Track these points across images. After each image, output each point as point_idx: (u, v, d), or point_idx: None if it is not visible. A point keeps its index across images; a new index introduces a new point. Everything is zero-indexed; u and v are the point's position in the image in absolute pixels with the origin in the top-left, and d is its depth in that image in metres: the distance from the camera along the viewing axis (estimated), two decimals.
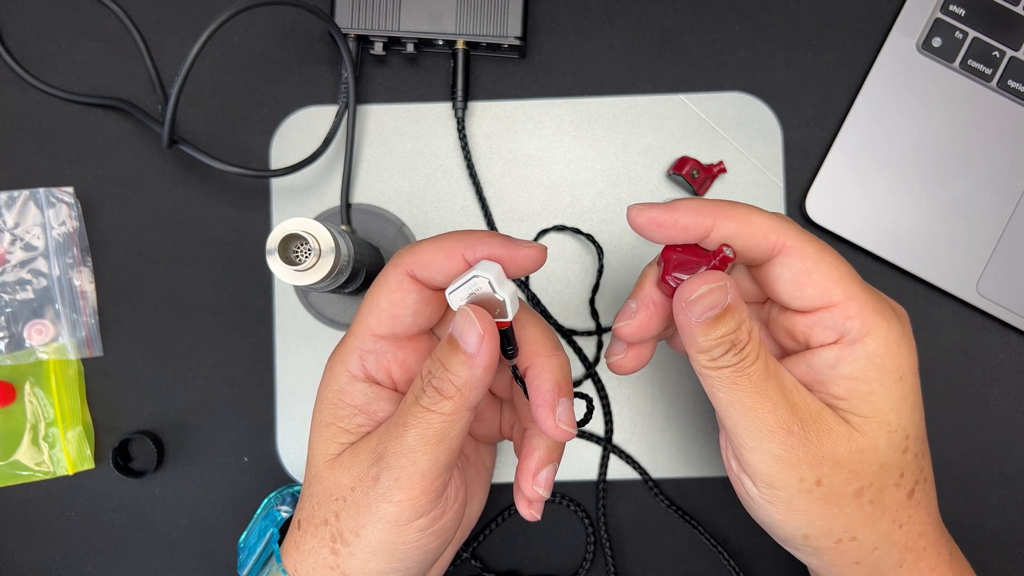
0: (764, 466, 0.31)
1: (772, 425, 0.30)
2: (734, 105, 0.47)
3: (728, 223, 0.31)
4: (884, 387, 0.31)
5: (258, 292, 0.47)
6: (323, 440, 0.34)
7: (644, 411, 0.47)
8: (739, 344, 0.30)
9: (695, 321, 0.30)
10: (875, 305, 0.31)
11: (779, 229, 0.31)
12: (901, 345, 0.31)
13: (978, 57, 0.46)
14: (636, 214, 0.31)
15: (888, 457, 0.31)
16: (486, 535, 0.46)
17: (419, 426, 0.31)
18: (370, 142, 0.48)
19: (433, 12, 0.46)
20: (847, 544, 0.32)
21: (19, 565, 0.47)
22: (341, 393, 0.34)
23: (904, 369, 0.31)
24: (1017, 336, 0.47)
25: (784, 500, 0.31)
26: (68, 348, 0.47)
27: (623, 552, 0.47)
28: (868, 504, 0.31)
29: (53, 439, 0.46)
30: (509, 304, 0.31)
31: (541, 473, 0.34)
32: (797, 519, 0.32)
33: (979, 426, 0.47)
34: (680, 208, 0.31)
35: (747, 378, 0.30)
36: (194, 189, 0.48)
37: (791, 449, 0.30)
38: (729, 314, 0.30)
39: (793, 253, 0.31)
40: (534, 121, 0.48)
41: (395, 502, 0.31)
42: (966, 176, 0.46)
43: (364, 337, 0.34)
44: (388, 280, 0.33)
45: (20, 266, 0.47)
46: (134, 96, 0.48)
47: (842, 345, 0.31)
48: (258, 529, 0.39)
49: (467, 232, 0.33)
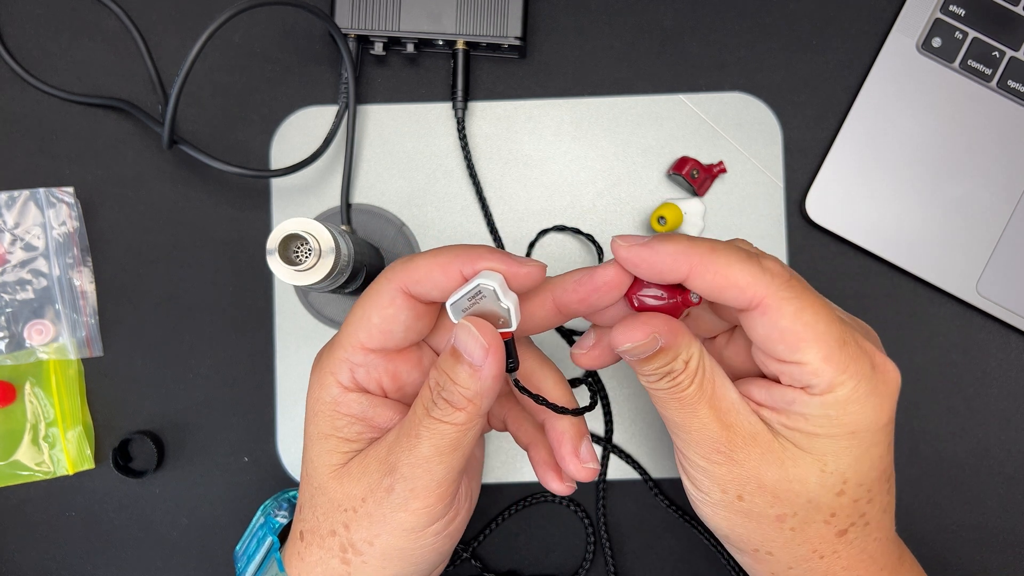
0: (693, 470, 0.33)
1: (698, 440, 0.32)
2: (734, 105, 0.47)
3: (705, 276, 0.30)
4: (830, 437, 0.31)
5: (258, 292, 0.47)
6: (325, 451, 0.34)
7: (644, 411, 0.47)
8: (673, 373, 0.31)
9: (629, 359, 0.31)
10: (847, 365, 0.30)
11: (758, 284, 0.30)
12: (865, 404, 0.31)
13: (978, 57, 0.46)
14: (618, 248, 0.31)
15: (818, 495, 0.32)
16: (486, 535, 0.46)
17: (433, 437, 0.31)
18: (370, 142, 0.48)
19: (433, 12, 0.46)
20: (764, 556, 0.33)
21: (19, 565, 0.47)
22: (335, 404, 0.34)
23: (860, 426, 0.31)
24: (1017, 336, 0.47)
25: (709, 503, 0.33)
26: (68, 348, 0.47)
27: (623, 552, 0.47)
28: (789, 530, 0.32)
29: (53, 439, 0.46)
30: (513, 314, 0.31)
31: (581, 449, 0.35)
32: (719, 521, 0.33)
33: (979, 426, 0.47)
34: (659, 252, 0.30)
35: (678, 401, 0.32)
36: (194, 189, 0.48)
37: (715, 464, 0.32)
38: (661, 355, 0.31)
39: (768, 311, 0.30)
40: (534, 121, 0.48)
41: (412, 511, 0.32)
42: (966, 176, 0.46)
43: (353, 350, 0.33)
44: (380, 295, 0.33)
45: (20, 266, 0.47)
46: (134, 96, 0.48)
47: (805, 392, 0.31)
48: (256, 536, 0.39)
49: (464, 247, 0.32)
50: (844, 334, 0.31)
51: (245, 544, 0.40)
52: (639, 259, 0.31)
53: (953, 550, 0.46)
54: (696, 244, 0.30)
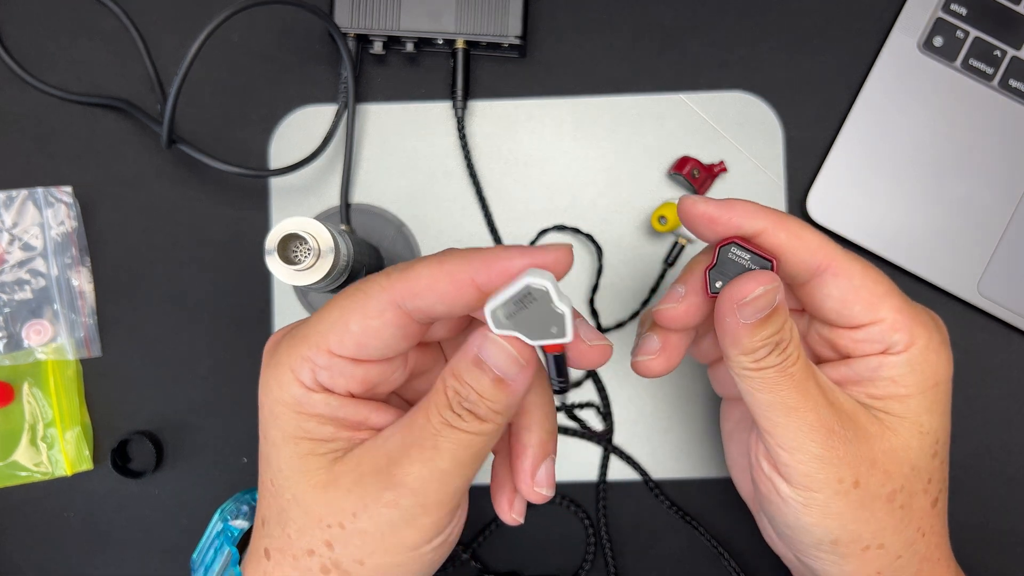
0: (804, 466, 0.30)
1: (814, 424, 0.30)
2: (735, 104, 0.47)
3: (781, 233, 0.30)
4: (920, 391, 0.31)
5: (257, 292, 0.47)
6: (297, 457, 0.29)
7: (645, 412, 0.47)
8: (783, 344, 0.30)
9: (743, 323, 0.29)
10: (918, 317, 0.32)
11: (826, 248, 0.31)
12: (940, 354, 0.32)
13: (979, 57, 0.46)
14: (691, 205, 0.31)
15: (919, 459, 0.32)
16: (486, 535, 0.46)
17: (455, 449, 0.28)
18: (370, 142, 0.47)
19: (433, 11, 0.46)
20: (874, 552, 0.32)
21: (18, 565, 0.47)
22: (298, 404, 0.29)
23: (940, 376, 0.32)
24: (1018, 336, 0.46)
25: (820, 502, 0.31)
26: (67, 348, 0.47)
27: (623, 553, 0.47)
28: (899, 508, 0.32)
29: (52, 440, 0.46)
30: (568, 321, 0.26)
31: (540, 470, 0.31)
32: (830, 523, 0.31)
33: (979, 426, 0.46)
34: (736, 208, 0.30)
35: (789, 378, 0.30)
36: (193, 189, 0.47)
37: (832, 448, 0.30)
38: (776, 314, 0.29)
39: (840, 273, 0.31)
40: (534, 121, 0.48)
41: (419, 527, 0.29)
42: (967, 176, 0.46)
43: (318, 351, 0.29)
44: (367, 304, 0.28)
45: (19, 266, 0.47)
46: (133, 96, 0.48)
47: (886, 355, 0.32)
48: (215, 545, 0.36)
49: (474, 249, 0.28)
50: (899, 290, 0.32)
51: (202, 553, 0.37)
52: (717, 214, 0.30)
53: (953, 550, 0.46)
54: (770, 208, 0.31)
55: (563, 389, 0.28)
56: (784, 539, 0.34)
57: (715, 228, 0.31)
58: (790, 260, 0.31)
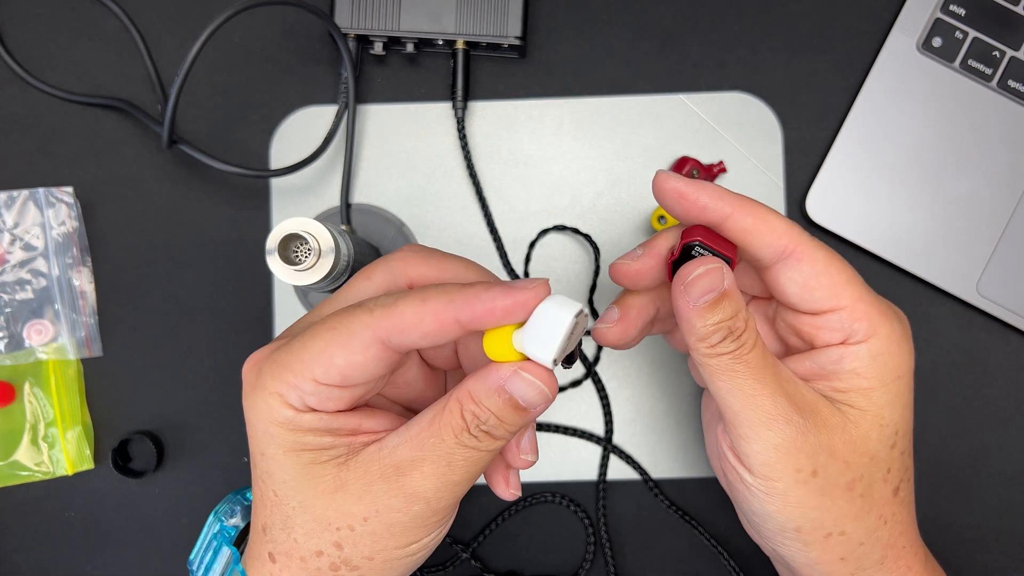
0: (763, 455, 0.31)
1: (771, 412, 0.31)
2: (734, 105, 0.47)
3: (747, 217, 0.31)
4: (883, 384, 0.32)
5: (258, 292, 0.47)
6: (301, 466, 0.30)
7: (644, 411, 0.47)
8: (736, 331, 0.30)
9: (693, 305, 0.30)
10: (880, 308, 0.32)
11: (791, 233, 0.32)
12: (902, 346, 0.33)
13: (978, 57, 0.46)
14: (663, 180, 0.32)
15: (878, 451, 0.32)
16: (486, 535, 0.46)
17: (468, 464, 0.30)
18: (370, 142, 0.48)
19: (433, 12, 0.46)
20: (836, 539, 0.33)
21: (19, 565, 0.47)
22: (291, 423, 0.30)
23: (902, 369, 0.33)
24: (1017, 336, 0.47)
25: (780, 491, 0.32)
26: (68, 348, 0.47)
27: (623, 552, 0.47)
28: (859, 497, 0.32)
29: (52, 439, 0.46)
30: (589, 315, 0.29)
31: (523, 439, 0.32)
32: (791, 511, 0.32)
33: (979, 426, 0.47)
34: (705, 188, 0.31)
35: (745, 365, 0.31)
36: (194, 189, 0.48)
37: (789, 438, 0.31)
38: (726, 299, 0.30)
39: (803, 258, 0.32)
40: (534, 121, 0.48)
41: (428, 525, 0.31)
42: (966, 176, 0.46)
43: (304, 379, 0.29)
44: (352, 339, 0.28)
45: (20, 266, 0.47)
46: (134, 96, 0.48)
47: (847, 345, 0.32)
48: (212, 546, 0.36)
49: (455, 288, 0.28)
50: (862, 280, 0.32)
51: (199, 554, 0.37)
52: (687, 191, 0.31)
53: (953, 550, 0.46)
54: (738, 194, 0.32)
55: (571, 364, 0.30)
56: (752, 526, 0.35)
57: (683, 204, 0.32)
58: (755, 244, 0.32)
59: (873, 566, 0.34)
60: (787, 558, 0.35)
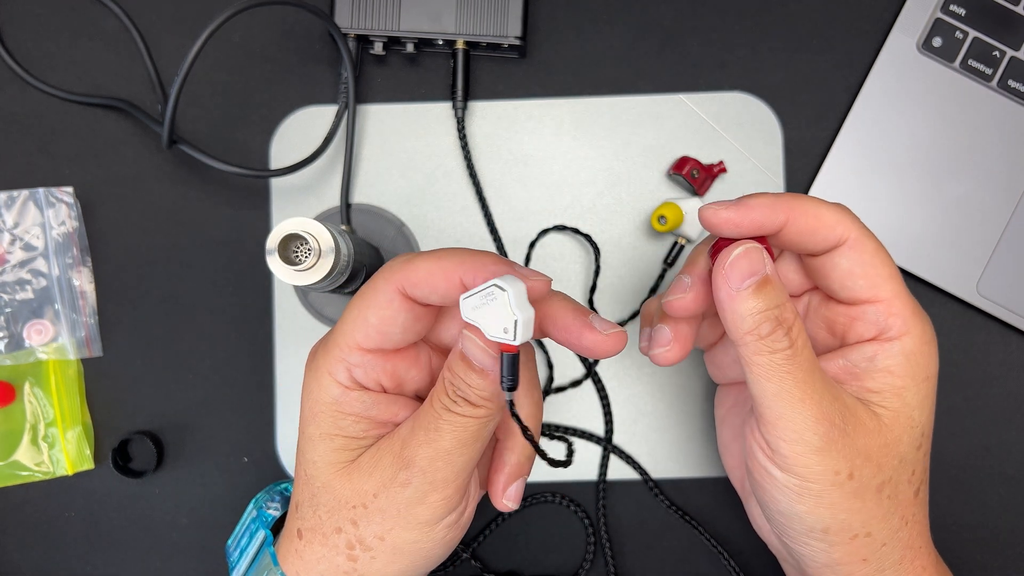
0: (802, 457, 0.31)
1: (817, 416, 0.31)
2: (734, 105, 0.47)
3: (802, 219, 0.31)
4: (915, 384, 0.32)
5: (258, 292, 0.47)
6: (330, 451, 0.33)
7: (644, 411, 0.47)
8: (785, 323, 0.30)
9: (735, 291, 0.30)
10: (913, 307, 0.33)
11: (845, 222, 0.32)
12: (931, 347, 0.33)
13: (978, 57, 0.46)
14: (712, 215, 0.32)
15: (907, 453, 0.32)
16: (486, 535, 0.46)
17: (455, 430, 0.31)
18: (370, 142, 0.48)
19: (433, 12, 0.46)
20: (861, 540, 0.33)
21: (19, 565, 0.47)
22: (337, 404, 0.33)
23: (930, 371, 0.33)
24: (1017, 336, 0.47)
25: (814, 492, 0.32)
26: (68, 348, 0.47)
27: (623, 552, 0.47)
28: (887, 499, 0.32)
29: (53, 439, 0.46)
30: (520, 327, 0.28)
31: (511, 488, 0.36)
32: (822, 512, 0.32)
33: (979, 426, 0.47)
34: (754, 206, 0.31)
35: (798, 367, 0.30)
36: (194, 189, 0.48)
37: (832, 441, 0.31)
38: (769, 285, 0.30)
39: (854, 246, 0.32)
40: (534, 121, 0.48)
41: (429, 503, 0.32)
42: (966, 176, 0.46)
43: (350, 350, 0.32)
44: (377, 295, 0.32)
45: (20, 266, 0.47)
46: (134, 96, 0.48)
47: (880, 341, 0.32)
48: (249, 530, 0.39)
49: (469, 252, 0.31)
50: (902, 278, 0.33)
51: (237, 538, 0.40)
52: (739, 217, 0.31)
53: (953, 550, 0.46)
54: (783, 194, 0.32)
55: (510, 388, 0.29)
56: (774, 525, 0.35)
57: (739, 230, 0.32)
58: (810, 243, 0.32)
59: (892, 567, 0.34)
60: (807, 558, 0.34)
